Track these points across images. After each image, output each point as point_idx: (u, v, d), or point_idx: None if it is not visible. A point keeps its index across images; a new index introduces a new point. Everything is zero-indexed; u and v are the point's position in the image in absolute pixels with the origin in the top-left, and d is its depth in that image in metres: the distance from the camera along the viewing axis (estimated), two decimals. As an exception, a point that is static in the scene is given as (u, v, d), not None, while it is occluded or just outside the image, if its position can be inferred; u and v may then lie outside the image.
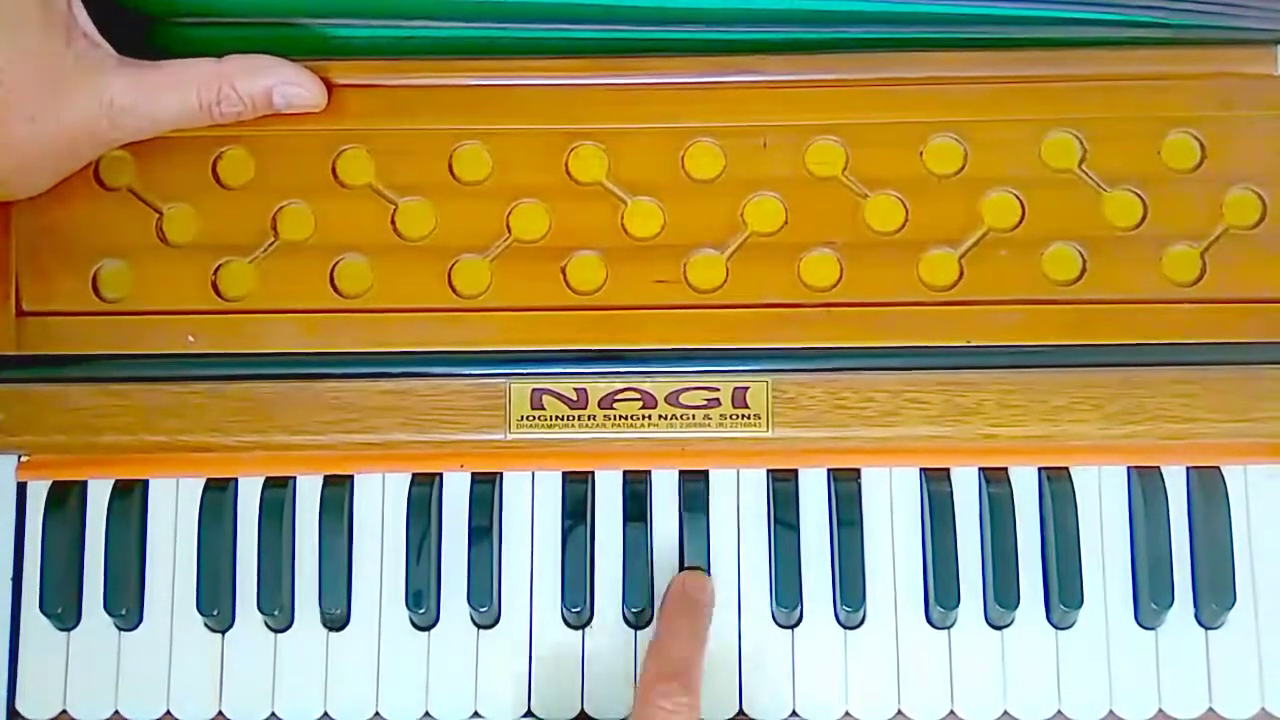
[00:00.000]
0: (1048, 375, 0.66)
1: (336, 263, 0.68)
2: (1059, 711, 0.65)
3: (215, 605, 0.66)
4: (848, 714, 0.65)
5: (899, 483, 0.67)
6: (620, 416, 0.66)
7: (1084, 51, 0.68)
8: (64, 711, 0.66)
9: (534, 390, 0.66)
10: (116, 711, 0.66)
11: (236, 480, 0.68)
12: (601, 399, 0.66)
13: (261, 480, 0.67)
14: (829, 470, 0.67)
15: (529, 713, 0.66)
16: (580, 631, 0.66)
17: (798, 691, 0.65)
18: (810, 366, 0.66)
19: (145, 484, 0.68)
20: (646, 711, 0.60)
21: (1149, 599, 0.65)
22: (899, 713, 0.65)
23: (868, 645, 0.66)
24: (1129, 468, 0.67)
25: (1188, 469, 0.66)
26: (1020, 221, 0.67)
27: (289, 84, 0.66)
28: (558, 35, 0.70)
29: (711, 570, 0.66)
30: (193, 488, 0.67)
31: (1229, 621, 0.65)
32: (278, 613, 0.66)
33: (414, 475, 0.67)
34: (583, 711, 0.66)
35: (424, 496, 0.67)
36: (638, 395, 0.66)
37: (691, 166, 0.68)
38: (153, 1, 0.70)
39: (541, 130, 0.69)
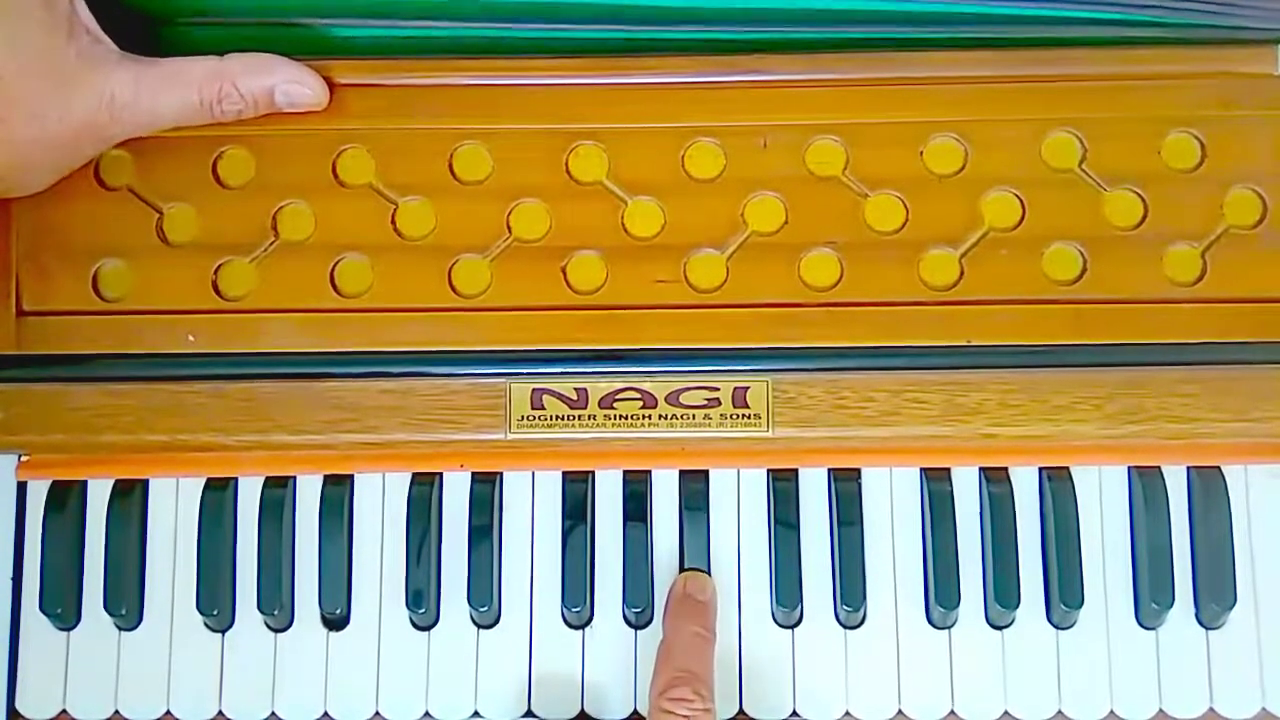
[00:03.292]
0: (1048, 375, 0.66)
1: (337, 262, 0.68)
2: (1059, 711, 0.65)
3: (215, 605, 0.66)
4: (848, 714, 0.65)
5: (899, 482, 0.67)
6: (620, 416, 0.66)
7: (1084, 51, 0.68)
8: (64, 711, 0.66)
9: (534, 390, 0.66)
10: (116, 711, 0.66)
11: (236, 480, 0.68)
12: (602, 399, 0.66)
13: (261, 480, 0.67)
14: (829, 470, 0.67)
15: (529, 712, 0.66)
16: (580, 631, 0.66)
17: (798, 691, 0.65)
18: (810, 366, 0.66)
19: (145, 484, 0.68)
20: None
21: (1149, 599, 0.65)
22: (899, 712, 0.65)
23: (868, 645, 0.66)
24: (1129, 467, 0.67)
25: (1188, 469, 0.66)
26: (1021, 221, 0.67)
27: (291, 82, 0.66)
28: (558, 35, 0.70)
29: (712, 570, 0.66)
30: (193, 487, 0.67)
31: (1229, 621, 0.65)
32: (278, 612, 0.66)
33: (414, 475, 0.67)
34: (583, 711, 0.66)
35: (424, 496, 0.67)
36: (638, 395, 0.66)
37: (692, 166, 0.68)
38: (156, 0, 0.70)
39: (542, 130, 0.69)
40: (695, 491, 0.67)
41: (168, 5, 0.70)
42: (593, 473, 0.67)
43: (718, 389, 0.66)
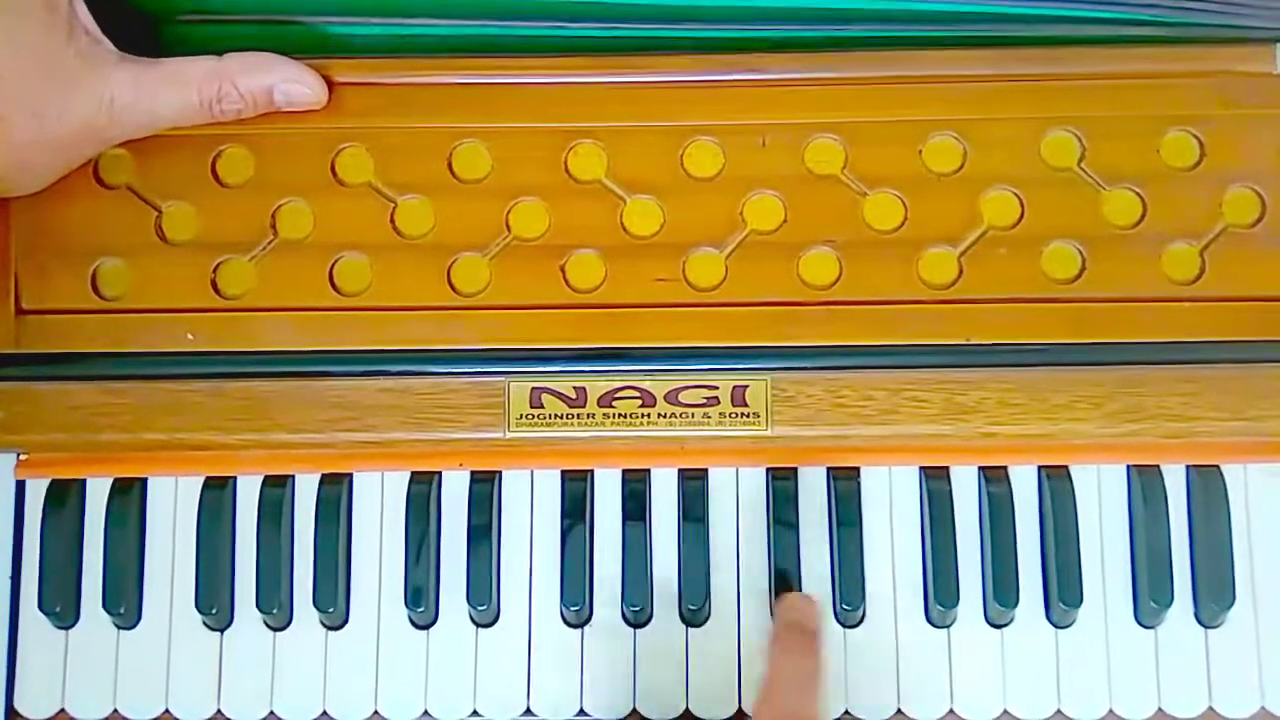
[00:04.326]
0: (1047, 374, 0.65)
1: (336, 261, 0.68)
2: (1059, 710, 0.65)
3: (214, 603, 0.66)
4: (847, 713, 0.65)
5: (898, 481, 0.67)
6: (619, 415, 0.66)
7: (1084, 50, 0.68)
8: (62, 710, 0.66)
9: (533, 389, 0.66)
10: (115, 710, 0.66)
11: (235, 479, 0.68)
12: (601, 397, 0.66)
13: (260, 479, 0.67)
14: (828, 469, 0.67)
15: (528, 711, 0.66)
16: (579, 630, 0.66)
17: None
18: (810, 365, 0.66)
19: (144, 482, 0.68)
20: None
21: (1149, 598, 0.65)
22: (898, 711, 0.65)
23: (867, 644, 0.66)
24: (1129, 466, 0.67)
25: (1187, 467, 0.66)
26: (1020, 220, 0.67)
27: (290, 81, 0.66)
28: (558, 34, 0.70)
29: (710, 569, 0.66)
30: (191, 486, 0.67)
31: (1229, 620, 0.65)
32: (276, 611, 0.66)
33: (413, 474, 0.67)
34: (582, 710, 0.66)
35: (423, 495, 0.67)
36: (637, 394, 0.66)
37: (691, 165, 0.68)
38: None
39: (541, 128, 0.68)
40: (694, 490, 0.67)
41: (166, 2, 0.70)
42: (592, 471, 0.67)
43: (717, 388, 0.66)
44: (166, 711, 0.66)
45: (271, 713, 0.66)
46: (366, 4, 0.70)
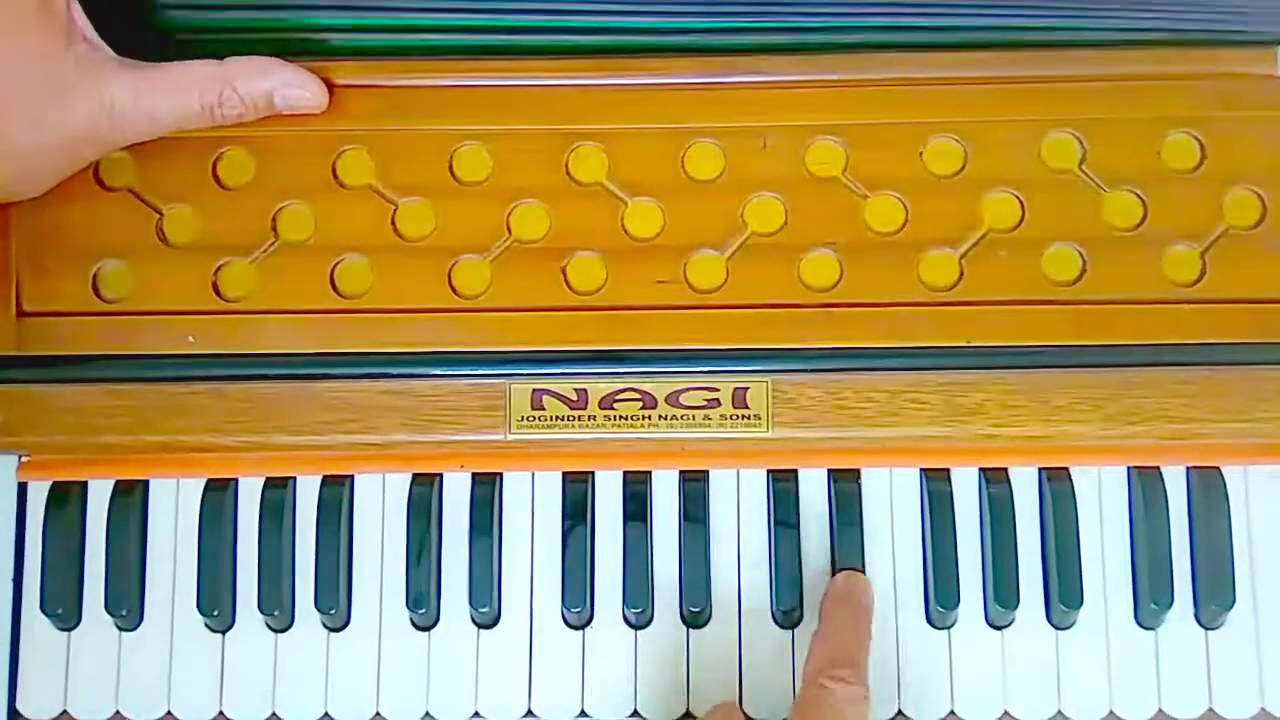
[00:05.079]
0: (1048, 375, 0.66)
1: (337, 263, 0.68)
2: (1059, 711, 0.65)
3: (216, 605, 0.66)
4: (848, 714, 0.65)
5: (899, 483, 0.67)
6: (620, 417, 0.66)
7: (1084, 51, 0.68)
8: (65, 711, 0.66)
9: (534, 390, 0.66)
10: (117, 711, 0.66)
11: (237, 480, 0.68)
12: (602, 399, 0.66)
13: (262, 480, 0.67)
14: (829, 470, 0.67)
15: (529, 712, 0.66)
16: (580, 632, 0.67)
17: (798, 691, 0.65)
18: (810, 367, 0.66)
19: (146, 484, 0.68)
20: (819, 695, 0.60)
21: (1149, 599, 0.65)
22: (899, 713, 0.65)
23: (867, 645, 0.66)
24: (1129, 468, 0.67)
25: (1188, 469, 0.66)
26: (1020, 222, 0.67)
27: (290, 85, 0.66)
28: (559, 35, 0.70)
29: (711, 570, 0.66)
30: (193, 488, 0.67)
31: (1229, 621, 0.65)
32: (278, 613, 0.66)
33: (414, 475, 0.67)
34: (583, 711, 0.66)
35: (424, 497, 0.67)
36: (638, 395, 0.66)
37: (691, 167, 0.68)
38: (154, 1, 0.70)
39: (541, 130, 0.69)
40: (695, 492, 0.67)
41: (165, 7, 0.70)
42: (593, 473, 0.67)
43: (717, 389, 0.66)
44: (168, 713, 0.66)
45: (273, 714, 0.66)
46: (367, 5, 0.70)
